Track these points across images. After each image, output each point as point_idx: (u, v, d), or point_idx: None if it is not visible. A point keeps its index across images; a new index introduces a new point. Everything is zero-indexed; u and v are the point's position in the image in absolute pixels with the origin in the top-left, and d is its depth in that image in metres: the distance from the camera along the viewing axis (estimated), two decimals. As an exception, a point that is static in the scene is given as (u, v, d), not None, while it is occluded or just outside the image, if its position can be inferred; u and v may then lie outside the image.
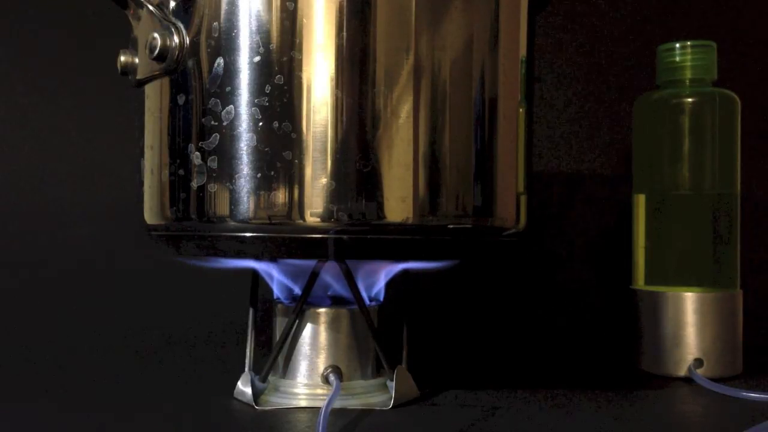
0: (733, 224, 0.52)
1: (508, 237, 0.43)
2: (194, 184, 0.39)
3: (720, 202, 0.52)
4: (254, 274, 0.46)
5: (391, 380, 0.43)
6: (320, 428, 0.35)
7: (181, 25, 0.40)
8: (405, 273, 0.46)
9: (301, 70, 0.37)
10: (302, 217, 0.37)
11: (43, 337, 0.59)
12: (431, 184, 0.39)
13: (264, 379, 0.43)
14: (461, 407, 0.42)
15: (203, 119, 0.39)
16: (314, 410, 0.41)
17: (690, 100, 0.52)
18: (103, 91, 0.65)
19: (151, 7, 0.41)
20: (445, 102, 0.39)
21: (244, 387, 0.42)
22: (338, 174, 0.37)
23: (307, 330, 0.43)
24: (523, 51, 0.43)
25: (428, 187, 0.39)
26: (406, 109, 0.38)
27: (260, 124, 0.38)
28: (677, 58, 0.53)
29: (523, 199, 0.43)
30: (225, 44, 0.38)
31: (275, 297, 0.46)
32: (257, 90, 0.38)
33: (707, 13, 0.70)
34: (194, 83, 0.39)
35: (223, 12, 0.38)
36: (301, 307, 0.43)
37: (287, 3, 0.38)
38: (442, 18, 0.39)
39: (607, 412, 0.42)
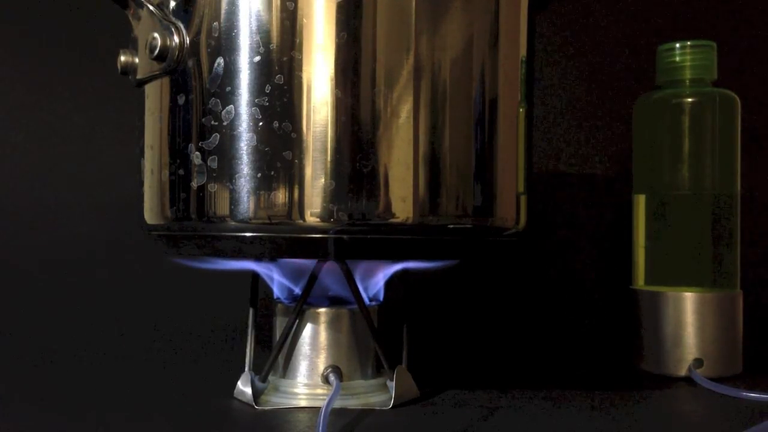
0: (733, 224, 0.52)
1: (508, 237, 0.43)
2: (194, 184, 0.39)
3: (720, 202, 0.52)
4: (254, 274, 0.46)
5: (391, 380, 0.43)
6: (320, 428, 0.35)
7: (181, 25, 0.40)
8: (405, 273, 0.46)
9: (301, 69, 0.37)
10: (302, 217, 0.37)
11: (42, 336, 0.59)
12: (431, 184, 0.39)
13: (264, 379, 0.43)
14: (461, 407, 0.42)
15: (203, 119, 0.39)
16: (314, 410, 0.41)
17: (690, 100, 0.52)
18: (103, 91, 0.65)
19: (151, 7, 0.41)
20: (445, 102, 0.39)
21: (244, 387, 0.42)
22: (338, 174, 0.37)
23: (307, 330, 0.43)
24: (523, 51, 0.43)
25: (428, 187, 0.39)
26: (406, 109, 0.38)
27: (260, 123, 0.38)
28: (677, 58, 0.53)
29: (523, 199, 0.43)
30: (225, 44, 0.38)
31: (275, 297, 0.46)
32: (257, 90, 0.38)
33: (707, 13, 0.70)
34: (194, 83, 0.39)
35: (223, 12, 0.38)
36: (301, 307, 0.43)
37: (287, 3, 0.38)
38: (442, 18, 0.39)
39: (607, 412, 0.42)
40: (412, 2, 0.38)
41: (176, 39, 0.40)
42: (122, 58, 0.43)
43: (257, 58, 0.38)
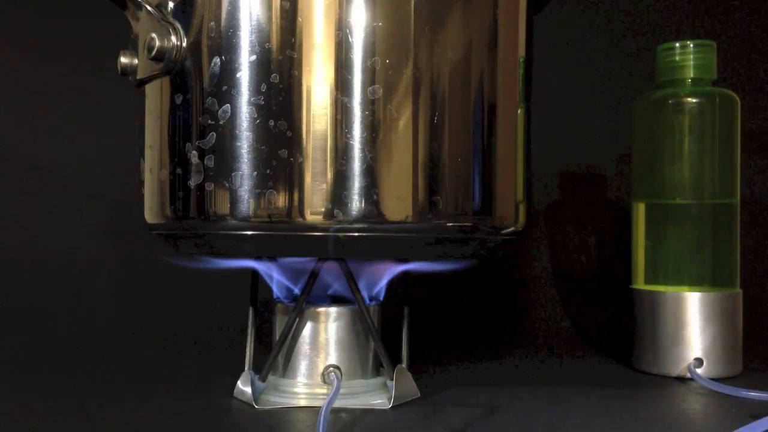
0: (733, 224, 0.52)
1: (508, 237, 0.43)
2: (192, 183, 0.39)
3: (720, 202, 0.52)
4: (254, 273, 0.46)
5: (391, 380, 0.43)
6: (320, 428, 0.35)
7: (179, 26, 0.40)
8: (405, 273, 0.46)
9: (297, 69, 0.37)
10: (302, 216, 0.37)
11: (42, 336, 0.60)
12: (430, 183, 0.39)
13: (264, 379, 0.43)
14: (461, 407, 0.42)
15: (200, 118, 0.39)
16: (314, 410, 0.41)
17: (690, 99, 0.52)
18: (103, 91, 0.65)
19: (149, 8, 0.41)
20: (445, 102, 0.39)
21: (243, 386, 0.42)
22: (337, 173, 0.37)
23: (307, 329, 0.43)
24: (522, 52, 0.43)
25: (427, 187, 0.39)
26: (405, 109, 0.38)
27: (257, 122, 0.38)
28: (677, 58, 0.53)
29: (522, 198, 0.43)
30: (222, 44, 0.38)
31: (275, 296, 0.46)
32: (253, 89, 0.38)
33: (707, 13, 0.70)
34: (192, 83, 0.39)
35: (221, 12, 0.38)
36: (301, 307, 0.43)
37: (284, 3, 0.38)
38: (441, 18, 0.39)
39: (607, 412, 0.42)
40: (411, 2, 0.38)
41: (174, 39, 0.40)
42: (122, 60, 0.43)
43: (253, 58, 0.38)
